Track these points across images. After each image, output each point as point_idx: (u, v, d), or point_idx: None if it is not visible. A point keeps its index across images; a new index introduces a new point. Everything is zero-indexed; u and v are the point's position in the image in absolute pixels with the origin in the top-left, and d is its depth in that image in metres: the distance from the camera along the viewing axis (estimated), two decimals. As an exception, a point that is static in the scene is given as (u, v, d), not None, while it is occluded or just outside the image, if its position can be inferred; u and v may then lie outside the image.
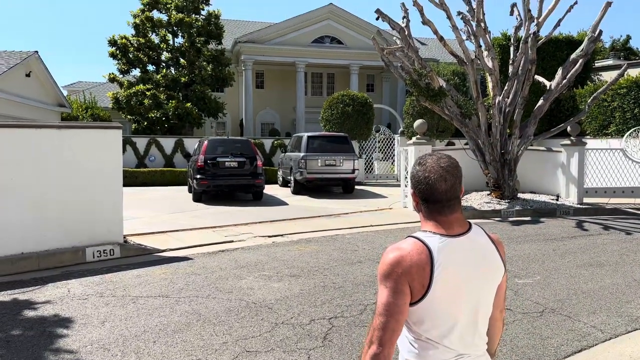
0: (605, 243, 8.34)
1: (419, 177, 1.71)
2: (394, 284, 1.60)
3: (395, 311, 1.58)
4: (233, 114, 32.26)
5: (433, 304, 1.61)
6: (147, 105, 22.99)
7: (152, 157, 20.59)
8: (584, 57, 12.32)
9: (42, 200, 6.91)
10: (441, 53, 32.79)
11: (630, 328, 4.63)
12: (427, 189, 1.69)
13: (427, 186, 1.68)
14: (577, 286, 5.87)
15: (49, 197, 6.97)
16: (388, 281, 1.61)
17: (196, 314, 4.86)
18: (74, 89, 33.17)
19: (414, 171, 1.73)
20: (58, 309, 5.03)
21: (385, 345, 1.56)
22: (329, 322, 4.67)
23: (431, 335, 1.65)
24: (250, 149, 14.06)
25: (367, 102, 19.50)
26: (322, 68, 33.79)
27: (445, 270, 1.61)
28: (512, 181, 12.54)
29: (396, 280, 1.60)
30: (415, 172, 1.73)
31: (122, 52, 24.20)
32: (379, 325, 1.58)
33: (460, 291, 1.65)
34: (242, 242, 8.34)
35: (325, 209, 12.35)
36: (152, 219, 10.57)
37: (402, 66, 12.26)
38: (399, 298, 1.59)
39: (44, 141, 6.98)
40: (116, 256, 7.26)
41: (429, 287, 1.60)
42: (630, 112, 16.48)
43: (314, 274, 6.34)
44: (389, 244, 6.77)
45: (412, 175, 1.74)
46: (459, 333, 1.67)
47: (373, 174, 20.41)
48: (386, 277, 1.62)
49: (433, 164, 1.70)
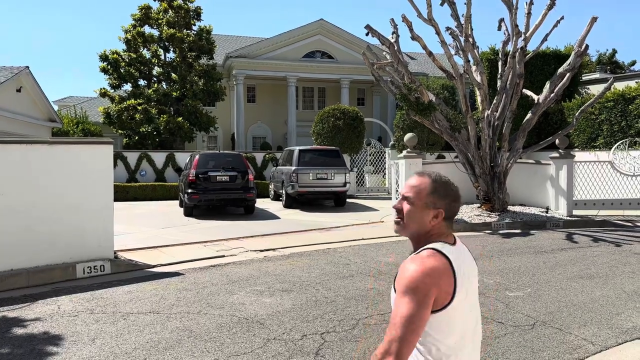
0: (595, 255, 8.41)
1: (455, 196, 1.79)
2: (422, 297, 1.59)
3: (418, 325, 1.59)
4: (224, 128, 32.30)
5: (455, 311, 1.67)
6: (138, 120, 22.97)
7: (143, 172, 20.51)
8: (571, 71, 12.53)
9: (32, 216, 6.86)
10: (430, 67, 33.16)
11: (621, 340, 4.66)
12: (457, 207, 1.80)
13: (458, 204, 1.80)
14: (567, 298, 5.91)
15: (39, 213, 6.92)
16: (416, 294, 1.60)
17: (187, 330, 4.83)
18: (65, 103, 33.06)
19: (447, 190, 1.77)
20: (48, 326, 4.97)
21: (403, 358, 1.57)
22: (321, 337, 4.66)
23: (445, 345, 1.68)
24: (241, 163, 14.07)
25: (358, 115, 19.63)
26: (313, 82, 34.01)
27: (462, 277, 1.69)
28: (502, 194, 12.63)
29: (425, 293, 1.60)
30: (449, 191, 1.77)
31: (114, 67, 24.21)
32: (399, 338, 1.56)
33: (470, 297, 1.74)
34: (233, 257, 8.31)
35: (317, 222, 12.35)
36: (143, 234, 10.51)
37: (392, 81, 12.39)
38: (425, 311, 1.60)
39: (34, 157, 6.95)
40: (107, 272, 7.20)
41: (454, 295, 1.65)
42: (617, 124, 16.74)
43: (305, 288, 6.33)
44: (381, 258, 6.70)
45: (445, 194, 1.76)
46: (470, 342, 1.74)
47: (364, 187, 20.48)
48: (414, 290, 1.60)
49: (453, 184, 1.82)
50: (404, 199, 1.80)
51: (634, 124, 16.19)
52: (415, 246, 1.80)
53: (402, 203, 1.80)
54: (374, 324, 5.02)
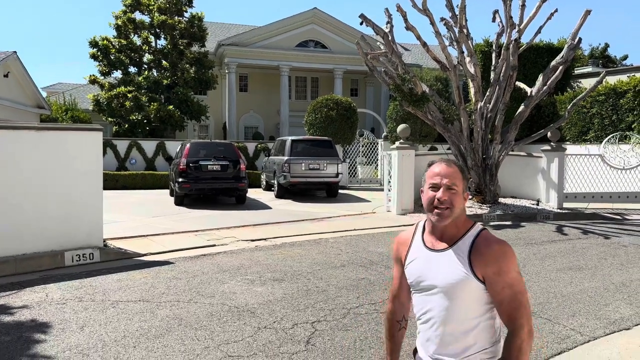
0: (585, 247, 8.48)
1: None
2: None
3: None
4: (216, 117, 32.08)
5: None
6: (128, 108, 22.72)
7: (133, 160, 20.34)
8: (563, 64, 12.55)
9: (19, 204, 6.77)
10: (424, 59, 33.11)
11: (609, 330, 4.70)
12: None
13: None
14: (557, 290, 5.95)
15: (27, 200, 6.83)
16: (517, 266, 1.82)
17: (177, 318, 4.80)
18: (53, 90, 32.66)
19: (467, 175, 1.97)
20: (35, 313, 4.92)
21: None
22: (312, 326, 4.66)
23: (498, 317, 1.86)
24: (233, 153, 13.98)
25: (351, 106, 19.56)
26: (306, 72, 33.83)
27: None
28: (493, 186, 12.68)
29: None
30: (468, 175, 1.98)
31: (104, 54, 23.89)
32: (529, 306, 1.81)
33: None
34: (224, 246, 8.27)
35: (308, 212, 12.33)
36: (132, 222, 10.43)
37: (385, 71, 12.34)
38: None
39: (22, 143, 6.85)
40: (96, 260, 7.14)
41: None
42: (608, 118, 16.84)
43: (297, 278, 6.31)
44: (372, 248, 6.71)
45: (467, 178, 1.94)
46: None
47: (357, 178, 20.47)
48: (517, 265, 1.82)
49: None
50: (447, 188, 1.83)
51: (625, 118, 16.30)
52: (454, 231, 1.86)
53: (447, 193, 1.82)
54: (364, 313, 5.02)
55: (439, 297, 1.82)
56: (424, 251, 1.89)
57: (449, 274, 1.79)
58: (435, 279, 1.83)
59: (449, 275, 1.79)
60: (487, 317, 1.81)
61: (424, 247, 1.90)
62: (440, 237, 1.87)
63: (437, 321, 1.84)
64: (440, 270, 1.82)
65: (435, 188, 1.84)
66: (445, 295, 1.80)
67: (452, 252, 1.82)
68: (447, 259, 1.82)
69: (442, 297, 1.81)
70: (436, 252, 1.85)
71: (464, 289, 1.77)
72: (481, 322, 1.80)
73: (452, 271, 1.79)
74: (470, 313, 1.79)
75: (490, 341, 1.82)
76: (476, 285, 1.77)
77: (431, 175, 1.86)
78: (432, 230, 1.91)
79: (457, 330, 1.80)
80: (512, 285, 1.75)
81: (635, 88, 16.06)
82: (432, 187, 1.85)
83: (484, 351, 1.80)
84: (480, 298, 1.79)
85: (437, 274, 1.82)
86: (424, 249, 1.90)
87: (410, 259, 1.94)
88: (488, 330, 1.81)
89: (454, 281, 1.78)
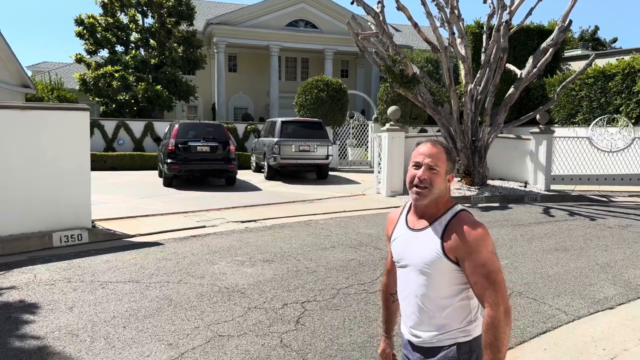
0: (571, 229, 8.59)
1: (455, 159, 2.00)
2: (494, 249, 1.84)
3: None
4: (205, 97, 31.77)
5: None
6: (115, 87, 22.38)
7: (121, 141, 20.12)
8: (554, 46, 12.55)
9: (5, 184, 6.69)
10: (415, 40, 32.93)
11: (593, 310, 4.79)
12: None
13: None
14: (543, 270, 6.04)
15: (13, 181, 6.75)
16: (492, 248, 1.81)
17: (167, 299, 4.81)
18: (38, 69, 32.00)
19: (453, 155, 1.94)
20: (24, 294, 4.90)
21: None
22: (302, 306, 4.69)
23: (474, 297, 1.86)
24: (222, 134, 13.88)
25: (342, 87, 19.45)
26: (297, 52, 33.51)
27: None
28: (482, 168, 12.76)
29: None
30: (454, 156, 1.95)
31: (90, 32, 23.43)
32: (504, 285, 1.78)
33: None
34: (214, 228, 8.26)
35: (298, 194, 12.34)
36: (121, 203, 10.37)
37: (376, 52, 12.25)
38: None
39: (6, 122, 6.72)
40: (84, 241, 7.10)
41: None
42: (596, 101, 16.93)
43: (287, 259, 6.34)
44: (362, 230, 6.73)
45: (453, 159, 1.92)
46: None
47: (347, 160, 20.47)
48: (491, 245, 1.81)
49: None
50: (429, 168, 1.86)
51: (613, 101, 16.40)
52: (434, 211, 1.89)
53: (427, 172, 1.86)
54: (353, 293, 5.07)
55: (414, 274, 1.87)
56: (405, 230, 1.95)
57: (423, 252, 1.84)
58: (411, 257, 1.88)
59: (423, 254, 1.84)
60: (462, 297, 1.84)
61: (405, 226, 1.95)
62: (421, 217, 1.91)
63: (413, 298, 1.89)
64: (416, 248, 1.87)
65: (417, 166, 1.88)
66: (421, 273, 1.85)
67: (429, 231, 1.86)
68: (423, 238, 1.86)
69: (417, 275, 1.86)
70: (415, 232, 1.90)
71: (437, 269, 1.81)
72: (456, 301, 1.83)
73: (426, 250, 1.83)
74: (443, 292, 1.83)
75: (465, 321, 1.85)
76: (449, 265, 1.80)
77: (415, 154, 1.90)
78: (415, 209, 1.95)
79: (431, 309, 1.85)
80: (485, 264, 1.75)
81: (624, 71, 16.12)
82: (414, 165, 1.89)
83: (458, 330, 1.84)
84: (454, 278, 1.82)
85: (413, 253, 1.87)
86: (406, 228, 1.95)
87: (394, 237, 2.00)
88: (463, 309, 1.85)
89: (427, 260, 1.82)
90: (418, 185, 1.86)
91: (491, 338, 1.72)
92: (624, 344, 4.03)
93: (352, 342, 3.97)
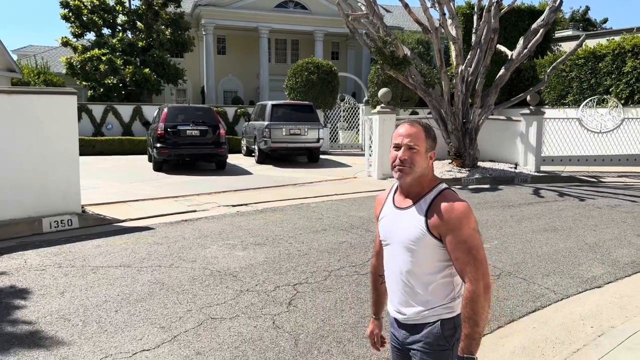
0: (560, 209, 8.68)
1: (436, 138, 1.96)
2: (476, 226, 1.84)
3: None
4: (194, 80, 31.43)
5: None
6: (102, 71, 22.05)
7: (110, 125, 19.90)
8: (544, 26, 12.51)
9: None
10: (406, 21, 32.67)
11: (581, 289, 4.86)
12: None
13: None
14: (532, 250, 6.11)
15: (0, 166, 6.65)
16: (474, 225, 1.83)
17: (159, 283, 4.80)
18: (24, 53, 31.40)
19: (433, 134, 1.95)
20: (14, 280, 4.87)
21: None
22: (294, 288, 4.71)
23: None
24: (212, 117, 13.76)
25: (332, 70, 19.31)
26: (286, 34, 33.16)
27: None
28: (472, 150, 12.79)
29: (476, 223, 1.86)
30: (434, 134, 1.95)
31: (76, 15, 22.98)
32: (485, 262, 1.80)
33: None
34: (205, 212, 8.24)
35: (290, 178, 12.32)
36: (111, 188, 10.29)
37: (367, 33, 12.14)
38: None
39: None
40: (74, 226, 7.05)
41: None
42: (587, 82, 16.98)
43: (278, 242, 6.35)
44: (353, 212, 6.75)
45: (433, 137, 1.94)
46: None
47: (338, 143, 20.43)
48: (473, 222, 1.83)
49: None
50: (409, 148, 1.89)
51: (603, 82, 16.45)
52: (418, 189, 1.92)
53: (407, 152, 1.89)
54: (345, 275, 5.10)
55: (400, 252, 1.92)
56: (392, 209, 1.99)
57: (409, 230, 1.88)
58: (397, 235, 1.92)
59: (408, 231, 1.88)
60: (445, 274, 1.87)
61: (392, 205, 2.00)
62: (406, 196, 1.96)
63: (398, 275, 1.94)
64: (402, 226, 1.91)
65: (397, 148, 1.92)
66: (406, 250, 1.89)
67: (413, 209, 1.90)
68: (408, 216, 1.90)
69: (403, 252, 1.91)
70: (401, 210, 1.94)
71: (422, 246, 1.85)
72: (439, 278, 1.87)
73: (412, 228, 1.87)
74: (427, 269, 1.87)
75: (449, 297, 1.88)
76: (432, 242, 1.84)
77: (395, 136, 1.94)
78: (401, 189, 2.00)
79: (415, 285, 1.90)
80: (466, 241, 1.78)
81: (614, 52, 16.15)
82: (395, 147, 1.93)
83: (442, 306, 1.88)
84: (437, 254, 1.86)
85: (399, 230, 1.92)
86: (393, 207, 1.99)
87: (382, 216, 2.04)
88: (446, 286, 1.88)
89: (413, 237, 1.86)
90: (399, 165, 1.90)
91: (469, 312, 1.76)
92: (611, 321, 4.10)
93: (343, 322, 4.00)
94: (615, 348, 3.54)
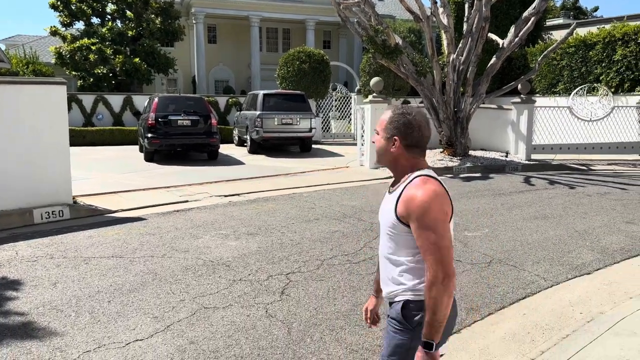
0: (551, 197, 8.75)
1: (411, 125, 1.92)
2: (442, 216, 1.83)
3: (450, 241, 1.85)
4: (185, 70, 31.17)
5: (450, 231, 1.89)
6: (92, 61, 21.80)
7: (100, 116, 19.72)
8: (535, 15, 12.52)
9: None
10: (398, 9, 32.52)
11: (571, 276, 4.93)
12: (419, 136, 1.93)
13: (419, 133, 1.93)
14: (523, 238, 6.17)
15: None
16: (434, 215, 1.80)
17: (152, 273, 4.81)
18: (12, 42, 30.92)
19: (402, 120, 1.93)
20: (6, 271, 4.85)
21: (453, 276, 1.81)
22: (287, 277, 4.73)
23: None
24: (204, 107, 13.68)
25: (324, 59, 19.22)
26: (278, 23, 32.93)
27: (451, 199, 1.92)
28: (464, 139, 12.84)
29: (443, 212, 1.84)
30: (405, 120, 1.92)
31: (64, 3, 22.66)
32: (447, 251, 1.80)
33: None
34: (197, 202, 8.23)
35: (282, 168, 12.31)
36: (102, 179, 10.24)
37: (358, 22, 12.10)
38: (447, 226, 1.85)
39: (-21, 97, 6.53)
40: (66, 217, 7.02)
41: (452, 215, 1.90)
42: (577, 70, 17.04)
43: (271, 231, 6.36)
44: (345, 202, 6.76)
45: (402, 124, 1.92)
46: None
47: (330, 132, 20.40)
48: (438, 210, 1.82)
49: (419, 114, 1.95)
50: (376, 133, 2.02)
51: (594, 70, 16.52)
52: (400, 176, 1.98)
53: (374, 137, 2.03)
54: (337, 264, 5.12)
55: (382, 234, 2.01)
56: (386, 193, 2.08)
57: (387, 215, 1.96)
58: (381, 218, 2.03)
59: (386, 216, 1.96)
60: (417, 259, 1.90)
61: (389, 188, 2.08)
62: (393, 183, 2.03)
63: (381, 256, 2.05)
64: (384, 210, 2.00)
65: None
66: (384, 234, 1.99)
67: (391, 195, 1.97)
68: (387, 202, 1.99)
69: (383, 234, 2.01)
70: (388, 194, 2.03)
71: (395, 231, 1.92)
72: (410, 262, 1.92)
73: (388, 213, 1.95)
74: (401, 254, 1.93)
75: (418, 281, 1.91)
76: (403, 228, 1.89)
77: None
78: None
79: (391, 267, 1.98)
80: (429, 228, 1.80)
81: (605, 40, 16.20)
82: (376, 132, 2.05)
83: (409, 288, 1.93)
84: (409, 240, 1.90)
85: (382, 214, 2.02)
86: (386, 193, 2.07)
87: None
88: (417, 271, 1.91)
89: (389, 223, 1.94)
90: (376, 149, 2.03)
91: (427, 300, 1.80)
92: (600, 307, 4.16)
93: (336, 310, 4.03)
94: (604, 334, 3.59)
